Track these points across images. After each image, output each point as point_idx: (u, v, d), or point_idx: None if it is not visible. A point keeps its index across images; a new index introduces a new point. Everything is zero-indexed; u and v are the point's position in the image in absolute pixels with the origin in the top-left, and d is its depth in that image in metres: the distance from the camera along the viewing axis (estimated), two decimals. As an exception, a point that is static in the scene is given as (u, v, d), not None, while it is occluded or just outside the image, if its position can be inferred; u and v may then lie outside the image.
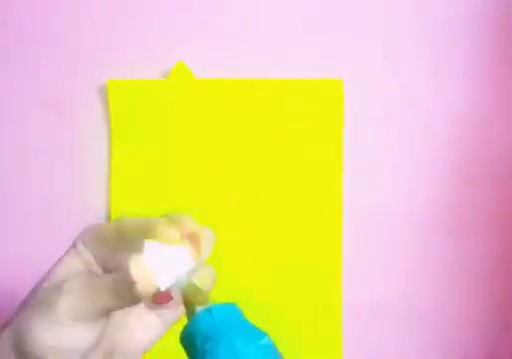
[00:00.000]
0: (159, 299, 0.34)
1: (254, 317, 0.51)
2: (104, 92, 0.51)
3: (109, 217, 0.50)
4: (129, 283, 0.32)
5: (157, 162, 0.50)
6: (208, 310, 0.32)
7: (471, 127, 0.52)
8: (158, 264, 0.33)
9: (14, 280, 0.51)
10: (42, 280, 0.50)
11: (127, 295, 0.33)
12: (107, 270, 0.39)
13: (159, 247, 0.33)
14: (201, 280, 0.34)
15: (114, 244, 0.37)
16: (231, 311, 0.34)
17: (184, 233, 0.35)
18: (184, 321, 0.33)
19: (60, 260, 0.40)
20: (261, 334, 0.33)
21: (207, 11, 0.51)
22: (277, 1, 0.51)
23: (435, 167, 0.52)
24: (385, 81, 0.52)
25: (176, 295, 0.34)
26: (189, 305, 0.33)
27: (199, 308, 0.33)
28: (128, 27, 0.51)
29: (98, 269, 0.39)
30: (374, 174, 0.51)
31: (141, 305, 0.36)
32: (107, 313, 0.35)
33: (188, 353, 0.32)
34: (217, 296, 0.51)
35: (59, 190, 0.51)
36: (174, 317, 0.39)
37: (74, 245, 0.40)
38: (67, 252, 0.40)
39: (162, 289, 0.33)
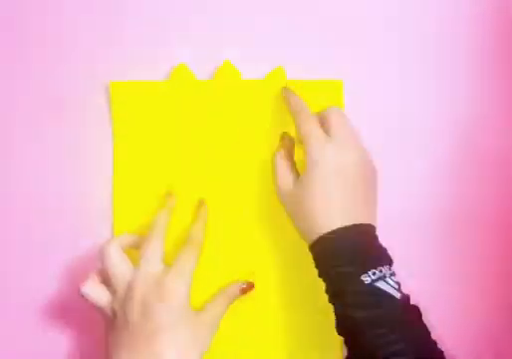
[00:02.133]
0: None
1: (255, 316, 0.51)
2: (105, 91, 0.51)
3: (111, 217, 0.51)
4: None
5: (158, 160, 0.51)
6: None
7: (472, 127, 0.52)
8: None
9: (16, 283, 0.51)
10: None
11: None
12: None
13: None
14: None
15: None
16: None
17: None
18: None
19: None
20: None
21: (207, 13, 0.51)
22: (277, 3, 0.51)
23: (435, 167, 0.52)
24: (385, 81, 0.52)
25: None
26: None
27: None
28: (130, 29, 0.51)
29: None
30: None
31: None
32: None
33: None
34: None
35: (61, 190, 0.51)
36: None
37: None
38: None
39: None
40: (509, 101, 0.52)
